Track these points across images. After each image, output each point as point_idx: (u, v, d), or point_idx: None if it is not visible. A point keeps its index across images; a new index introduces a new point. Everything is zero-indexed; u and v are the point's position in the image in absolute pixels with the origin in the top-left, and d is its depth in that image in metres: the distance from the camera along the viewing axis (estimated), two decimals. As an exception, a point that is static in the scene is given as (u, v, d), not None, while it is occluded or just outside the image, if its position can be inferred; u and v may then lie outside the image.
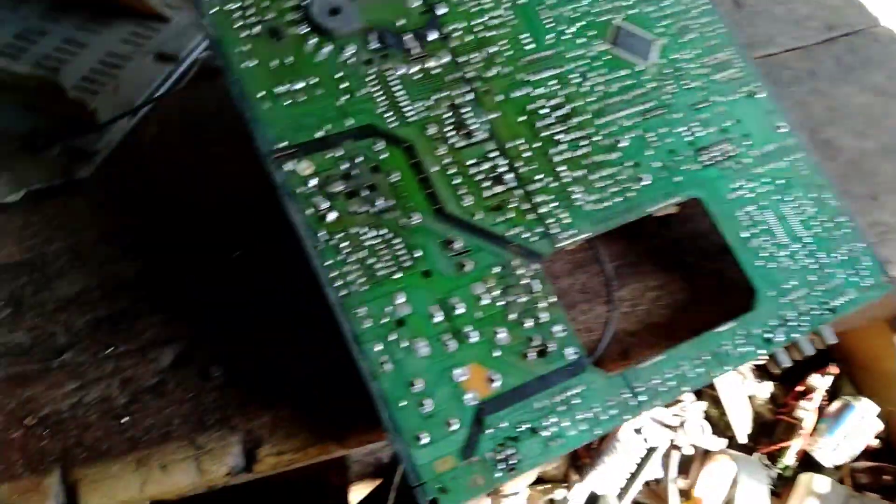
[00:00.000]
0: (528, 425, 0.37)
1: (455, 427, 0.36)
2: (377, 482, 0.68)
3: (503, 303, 0.39)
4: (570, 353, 0.39)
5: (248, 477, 0.40)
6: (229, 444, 0.39)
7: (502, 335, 0.38)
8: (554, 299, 0.39)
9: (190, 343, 0.43)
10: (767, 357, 0.42)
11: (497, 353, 0.38)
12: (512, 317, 0.39)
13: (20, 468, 0.38)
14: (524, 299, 0.39)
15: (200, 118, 0.55)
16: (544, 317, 0.39)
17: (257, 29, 0.41)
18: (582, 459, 0.57)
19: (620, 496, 0.57)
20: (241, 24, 0.41)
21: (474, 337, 0.38)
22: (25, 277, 0.45)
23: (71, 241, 0.47)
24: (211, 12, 0.41)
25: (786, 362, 0.42)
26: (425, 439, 0.35)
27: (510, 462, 0.36)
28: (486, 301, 0.39)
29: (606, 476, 0.56)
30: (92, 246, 0.47)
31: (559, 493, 0.56)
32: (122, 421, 0.40)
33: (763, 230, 0.44)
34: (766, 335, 0.41)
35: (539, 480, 0.58)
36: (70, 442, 0.39)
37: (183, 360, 0.42)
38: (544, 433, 0.37)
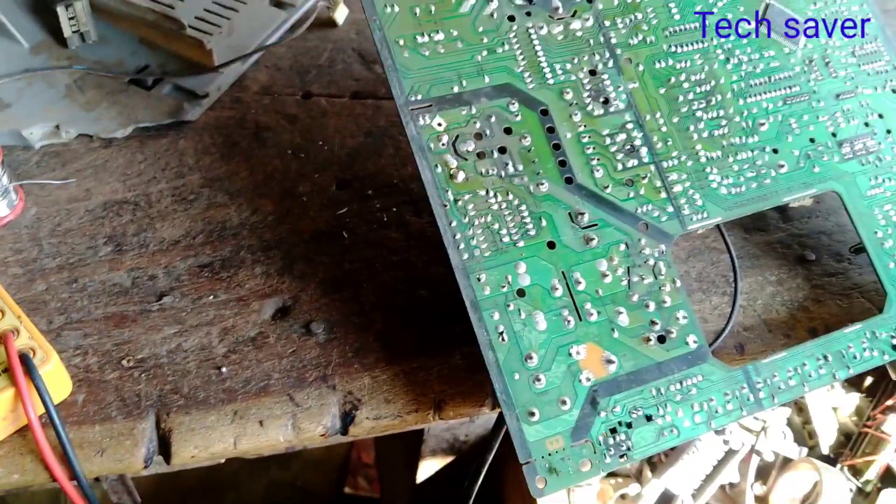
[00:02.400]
0: (643, 412, 0.35)
1: (568, 406, 0.34)
2: (448, 459, 0.67)
3: (626, 282, 0.37)
4: (692, 342, 0.37)
5: (343, 439, 0.39)
6: (328, 403, 0.38)
7: (623, 316, 0.37)
8: (678, 284, 0.38)
9: (293, 298, 0.42)
10: (891, 364, 0.40)
11: (616, 335, 0.36)
12: (635, 298, 0.37)
13: (114, 410, 0.37)
14: (649, 280, 0.37)
15: (309, 69, 0.54)
16: (668, 301, 0.37)
17: (403, -28, 0.40)
18: (657, 456, 0.56)
19: (695, 497, 0.55)
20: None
21: (594, 315, 0.36)
22: (128, 216, 0.45)
23: (175, 184, 0.46)
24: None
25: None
26: (538, 415, 0.34)
27: (621, 448, 0.35)
28: (609, 279, 0.37)
29: (682, 475, 0.54)
30: (196, 190, 0.46)
31: (633, 488, 0.54)
32: (222, 370, 0.39)
33: (900, 232, 0.42)
34: (893, 340, 0.39)
35: (611, 474, 0.57)
36: (167, 388, 0.38)
37: (284, 315, 0.41)
38: (659, 422, 0.35)
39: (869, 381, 0.61)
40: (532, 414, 0.34)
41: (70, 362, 0.39)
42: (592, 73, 0.41)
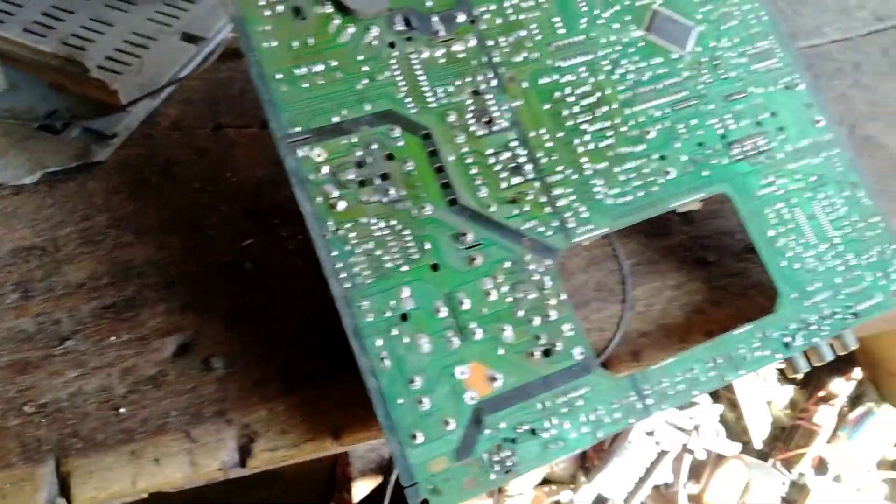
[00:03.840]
0: (528, 427, 0.36)
1: (452, 427, 0.35)
2: (379, 479, 0.67)
3: (511, 299, 0.38)
4: (577, 354, 0.37)
5: (242, 472, 0.39)
6: (224, 438, 0.38)
7: (508, 333, 0.37)
8: (564, 297, 0.38)
9: (194, 334, 0.42)
10: (785, 362, 0.40)
11: (501, 352, 0.37)
12: (520, 314, 0.37)
13: (15, 457, 0.38)
14: (534, 296, 0.38)
15: (222, 100, 0.55)
16: (553, 315, 0.38)
17: (280, 7, 0.40)
18: (591, 461, 0.56)
19: (628, 500, 0.56)
20: (264, 2, 0.40)
21: (478, 334, 0.37)
22: (36, 262, 0.45)
23: (83, 226, 0.47)
24: (233, -10, 0.41)
25: (803, 368, 0.40)
26: (420, 438, 0.34)
27: (507, 464, 0.35)
28: (493, 297, 0.37)
29: (615, 478, 0.55)
30: (104, 231, 0.47)
31: (565, 495, 0.55)
32: (120, 411, 0.39)
33: (791, 229, 0.42)
34: (784, 339, 0.40)
35: (545, 481, 0.57)
36: (66, 431, 0.39)
37: (185, 351, 0.42)
38: (544, 435, 0.36)
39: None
40: (415, 437, 0.34)
41: (-26, 411, 0.39)
42: (476, 93, 0.41)
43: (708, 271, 0.45)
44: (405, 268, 0.37)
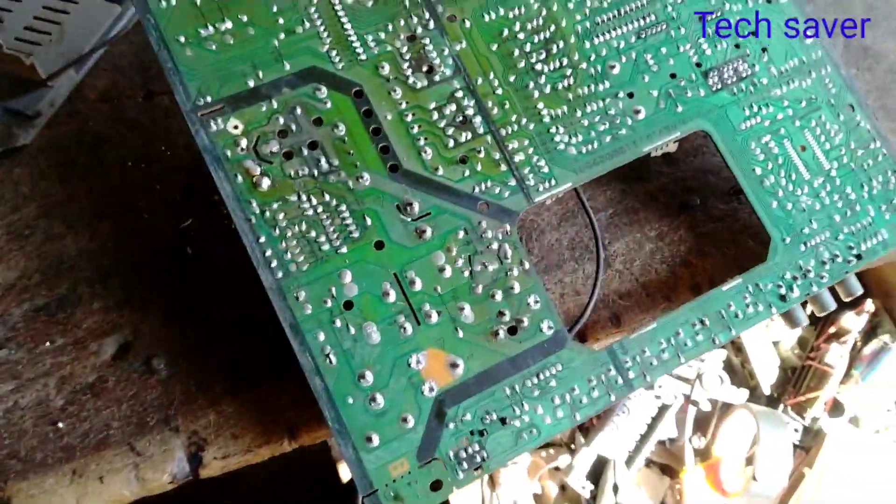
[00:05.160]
0: (497, 415, 0.32)
1: (411, 424, 0.31)
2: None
3: (468, 273, 0.34)
4: (546, 328, 0.33)
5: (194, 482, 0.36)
6: (171, 448, 0.35)
7: (467, 312, 0.33)
8: (528, 265, 0.34)
9: (132, 333, 0.38)
10: (782, 316, 0.36)
11: (461, 334, 0.33)
12: (479, 289, 0.33)
13: (-48, 484, 0.35)
14: (494, 267, 0.34)
15: (151, 65, 0.50)
16: (517, 287, 0.34)
17: (180, -40, 0.35)
18: (590, 420, 0.53)
19: (630, 460, 0.52)
20: (163, -46, 0.35)
21: (434, 316, 0.33)
22: (-39, 263, 0.41)
23: (10, 219, 0.43)
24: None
25: (803, 321, 0.36)
26: (377, 440, 0.31)
27: (475, 460, 0.31)
28: (448, 273, 0.33)
29: (615, 438, 0.51)
30: (32, 222, 0.43)
31: (563, 459, 0.51)
32: (59, 426, 0.36)
33: (780, 164, 0.38)
34: (780, 291, 0.35)
35: (542, 445, 0.54)
36: (4, 452, 0.35)
37: (124, 353, 0.38)
38: (515, 423, 0.32)
39: (810, 309, 0.57)
40: (370, 439, 0.31)
41: None
42: (412, 38, 0.36)
43: (693, 217, 0.40)
44: (345, 249, 0.33)
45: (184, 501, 0.40)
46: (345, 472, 0.54)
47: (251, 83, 0.34)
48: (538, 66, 0.37)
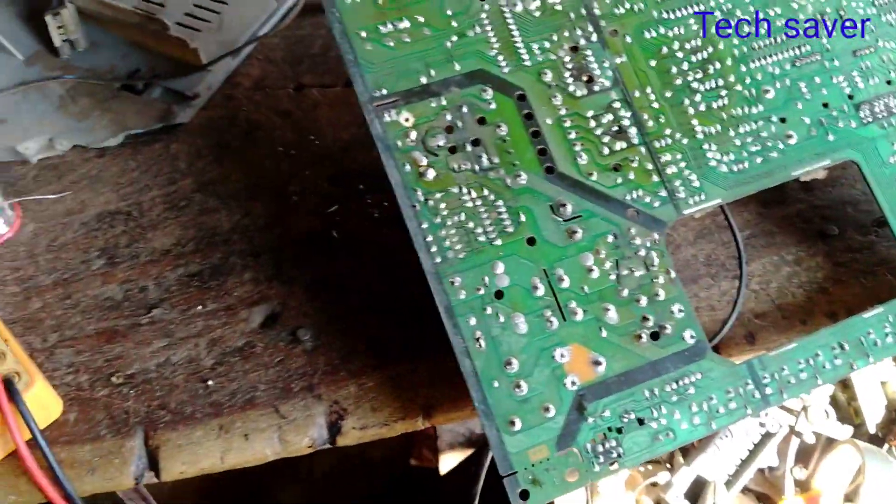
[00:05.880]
0: (635, 415, 0.33)
1: (552, 413, 0.32)
2: (468, 452, 0.65)
3: (615, 276, 0.35)
4: (689, 337, 0.34)
5: (331, 448, 0.38)
6: (313, 414, 0.37)
7: (611, 313, 0.34)
8: (674, 275, 0.35)
9: (281, 304, 0.41)
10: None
11: (604, 334, 0.34)
12: (624, 293, 0.35)
13: (104, 429, 0.37)
14: (640, 273, 0.35)
15: (302, 59, 0.53)
16: (661, 294, 0.35)
17: (363, -41, 0.38)
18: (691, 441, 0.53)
19: (729, 483, 0.53)
20: (345, -47, 0.38)
21: (580, 314, 0.34)
22: (121, 227, 0.44)
23: (168, 190, 0.46)
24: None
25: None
26: (519, 425, 0.32)
27: (612, 455, 0.32)
28: (595, 274, 0.35)
29: (716, 460, 0.52)
30: (188, 195, 0.45)
31: (662, 476, 0.52)
32: (208, 384, 0.38)
33: (928, 201, 0.38)
34: (923, 323, 0.36)
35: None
36: (155, 403, 0.38)
37: (272, 322, 0.40)
38: (653, 425, 0.33)
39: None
40: (513, 423, 0.32)
41: (62, 381, 0.39)
42: (574, 49, 0.38)
43: (830, 246, 0.41)
44: (499, 241, 0.34)
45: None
46: (445, 464, 0.56)
47: (423, 80, 0.36)
48: (694, 85, 0.38)
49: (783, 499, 0.52)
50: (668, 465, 0.53)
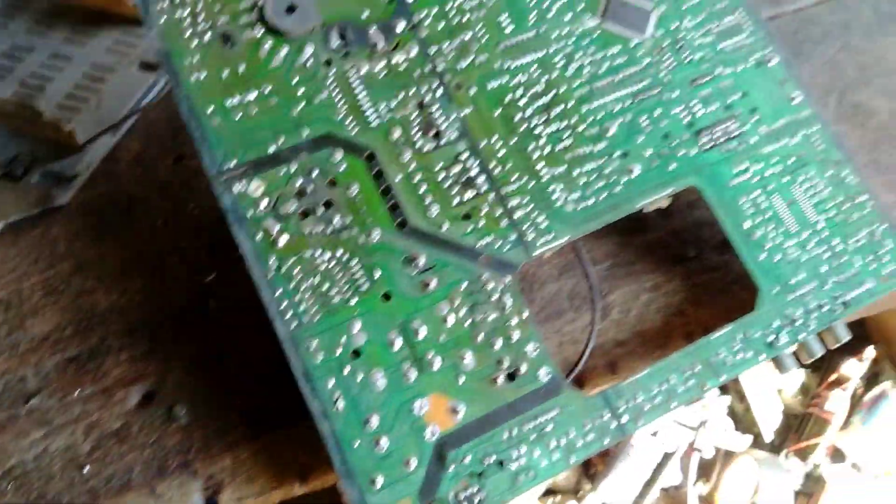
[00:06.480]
0: (495, 458, 0.34)
1: (413, 466, 0.33)
2: None
3: (470, 322, 0.36)
4: (544, 375, 0.35)
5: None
6: (189, 491, 0.37)
7: (468, 359, 0.35)
8: (527, 314, 0.36)
9: (157, 382, 0.41)
10: (772, 361, 0.38)
11: (462, 380, 0.35)
12: (480, 337, 0.35)
13: (-20, 529, 0.37)
14: (494, 316, 0.36)
15: (182, 130, 0.53)
16: (516, 335, 0.36)
17: (208, 36, 0.39)
18: (595, 467, 0.54)
19: (636, 504, 0.54)
20: (190, 31, 0.39)
21: (437, 363, 0.35)
22: (1, 316, 0.44)
23: (47, 275, 0.46)
24: (160, 22, 0.39)
25: (791, 366, 0.38)
26: (381, 482, 0.33)
27: (474, 501, 0.33)
28: (451, 322, 0.35)
29: (621, 484, 0.53)
30: (67, 278, 0.46)
31: (570, 505, 0.53)
32: (84, 471, 0.38)
33: (768, 218, 0.39)
34: (768, 338, 0.37)
35: (549, 492, 0.55)
36: (33, 496, 0.38)
37: (149, 401, 0.40)
38: (512, 466, 0.34)
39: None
40: (374, 481, 0.33)
41: (-60, 481, 0.39)
42: (421, 105, 0.39)
43: (687, 268, 0.42)
44: (354, 300, 0.35)
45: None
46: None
47: (272, 149, 0.37)
48: (538, 130, 0.39)
49: (688, 515, 0.54)
50: (577, 494, 0.54)
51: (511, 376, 0.35)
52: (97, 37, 0.58)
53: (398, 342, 0.35)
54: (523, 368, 0.35)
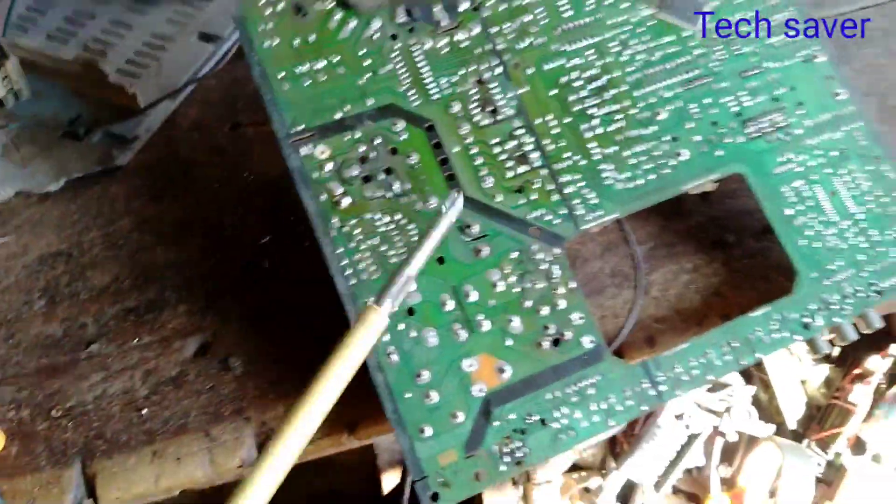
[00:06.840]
0: (538, 417, 0.35)
1: (460, 419, 0.35)
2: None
3: (519, 289, 0.37)
4: (587, 342, 0.37)
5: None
6: (243, 436, 0.39)
7: (516, 323, 0.37)
8: (574, 285, 0.38)
9: (213, 334, 0.43)
10: (806, 343, 0.39)
11: (509, 342, 0.36)
12: (528, 304, 0.37)
13: (43, 460, 0.39)
14: (542, 285, 0.38)
15: (238, 99, 0.55)
16: (562, 304, 0.37)
17: (282, 5, 0.40)
18: (620, 445, 0.56)
19: (658, 485, 0.55)
20: (264, 0, 0.41)
21: (486, 326, 0.36)
22: (62, 267, 0.46)
23: (107, 230, 0.48)
24: (238, -10, 0.41)
25: (825, 349, 0.39)
26: (429, 432, 0.34)
27: (516, 455, 0.35)
28: (501, 288, 0.37)
29: (644, 463, 0.54)
30: (126, 234, 0.48)
31: (594, 482, 0.54)
32: (142, 412, 0.40)
33: (810, 207, 0.41)
34: (804, 320, 0.38)
35: (574, 467, 0.57)
36: (92, 434, 0.40)
37: (205, 351, 0.42)
38: (554, 425, 0.35)
39: (837, 350, 0.59)
40: (423, 431, 0.35)
41: (5, 417, 0.41)
42: (480, 82, 0.41)
43: (727, 253, 0.44)
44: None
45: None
46: (387, 483, 0.57)
47: (338, 115, 0.39)
48: (591, 111, 0.41)
49: (710, 497, 0.55)
50: (601, 471, 0.56)
51: (556, 342, 0.37)
52: (158, 6, 0.60)
53: (450, 303, 0.37)
54: (568, 335, 0.37)
